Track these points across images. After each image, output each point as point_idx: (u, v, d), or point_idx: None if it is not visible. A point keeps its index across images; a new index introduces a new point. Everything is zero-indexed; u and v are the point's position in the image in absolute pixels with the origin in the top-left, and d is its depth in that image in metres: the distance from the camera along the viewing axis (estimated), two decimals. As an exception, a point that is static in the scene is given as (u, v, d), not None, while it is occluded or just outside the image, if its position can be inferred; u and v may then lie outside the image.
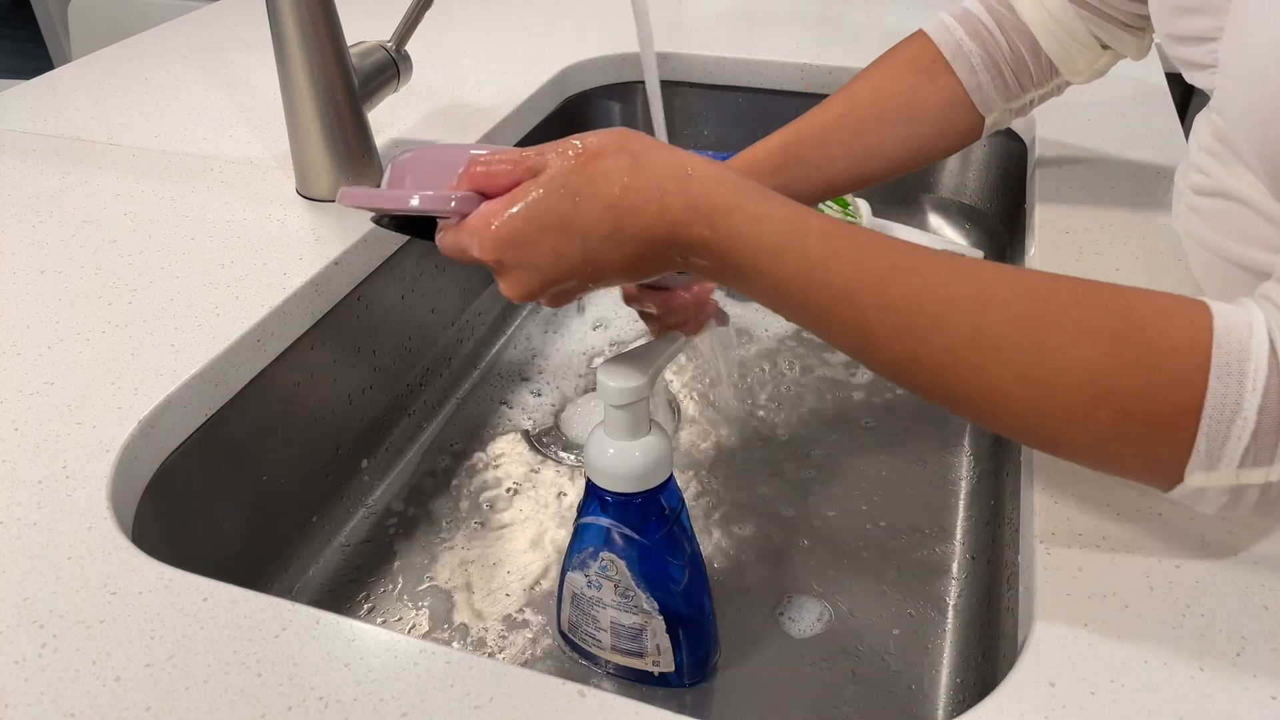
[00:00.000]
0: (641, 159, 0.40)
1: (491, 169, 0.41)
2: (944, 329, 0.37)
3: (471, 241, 0.41)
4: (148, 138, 0.81)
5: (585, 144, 0.40)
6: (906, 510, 0.67)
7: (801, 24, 1.08)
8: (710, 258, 0.40)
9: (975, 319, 0.37)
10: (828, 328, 0.40)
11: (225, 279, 0.61)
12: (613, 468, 0.48)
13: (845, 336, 0.40)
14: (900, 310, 0.38)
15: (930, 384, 0.39)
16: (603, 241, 0.40)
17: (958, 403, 0.39)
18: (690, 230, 0.39)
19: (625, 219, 0.39)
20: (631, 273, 0.41)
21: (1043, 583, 0.41)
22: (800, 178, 0.62)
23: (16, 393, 0.52)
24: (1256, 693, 0.37)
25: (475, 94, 0.90)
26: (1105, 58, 0.62)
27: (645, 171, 0.39)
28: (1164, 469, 0.36)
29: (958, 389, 0.38)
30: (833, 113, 0.63)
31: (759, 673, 0.56)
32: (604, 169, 0.39)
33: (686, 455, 0.72)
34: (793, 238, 0.39)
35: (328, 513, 0.66)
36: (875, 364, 0.40)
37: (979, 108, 0.63)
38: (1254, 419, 0.34)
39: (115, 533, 0.44)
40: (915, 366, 0.39)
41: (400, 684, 0.38)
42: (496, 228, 0.40)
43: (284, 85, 0.67)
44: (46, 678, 0.38)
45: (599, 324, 0.87)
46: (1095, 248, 0.65)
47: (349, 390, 0.67)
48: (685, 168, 0.40)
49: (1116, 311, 0.36)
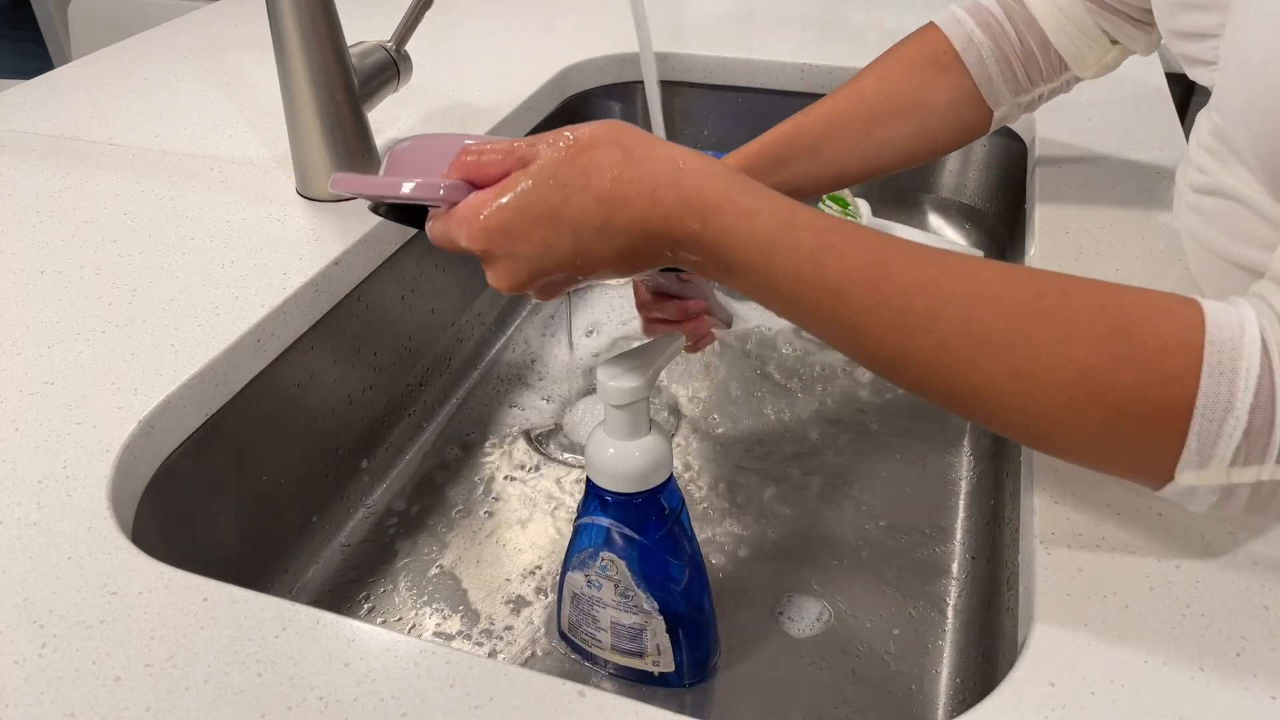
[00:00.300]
0: (634, 152, 0.39)
1: (482, 158, 0.40)
2: (935, 324, 0.37)
3: (460, 231, 0.40)
4: (148, 138, 0.81)
5: (577, 135, 0.40)
6: (906, 510, 0.67)
7: (801, 24, 1.08)
8: (701, 252, 0.40)
9: (966, 314, 0.37)
10: (819, 323, 0.40)
11: (225, 279, 0.61)
12: (613, 467, 0.48)
13: (837, 332, 0.40)
14: (892, 306, 0.38)
15: (922, 380, 0.39)
16: (594, 234, 0.39)
17: (950, 399, 0.39)
18: (681, 224, 0.39)
19: (616, 211, 0.39)
20: (622, 266, 0.41)
21: (1043, 583, 0.41)
22: (807, 170, 0.62)
23: (16, 393, 0.52)
24: (1256, 693, 0.37)
25: (475, 94, 0.90)
26: (1114, 53, 0.62)
27: (637, 165, 0.39)
28: (1155, 467, 0.36)
29: (950, 385, 0.38)
30: (842, 105, 0.63)
31: (759, 673, 0.56)
32: (596, 161, 0.39)
33: (686, 455, 0.72)
34: (783, 232, 0.38)
35: (328, 513, 0.66)
36: (868, 360, 0.40)
37: (988, 101, 0.63)
38: (1246, 418, 0.34)
39: (115, 533, 0.44)
40: (907, 362, 0.39)
41: (400, 684, 0.38)
42: (485, 218, 0.40)
43: (284, 85, 0.67)
44: (46, 678, 0.38)
45: (594, 328, 0.87)
46: (1095, 248, 0.65)
47: (349, 390, 0.67)
48: (677, 162, 0.39)
49: (1107, 309, 0.36)
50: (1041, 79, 0.63)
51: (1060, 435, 0.38)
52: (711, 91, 1.01)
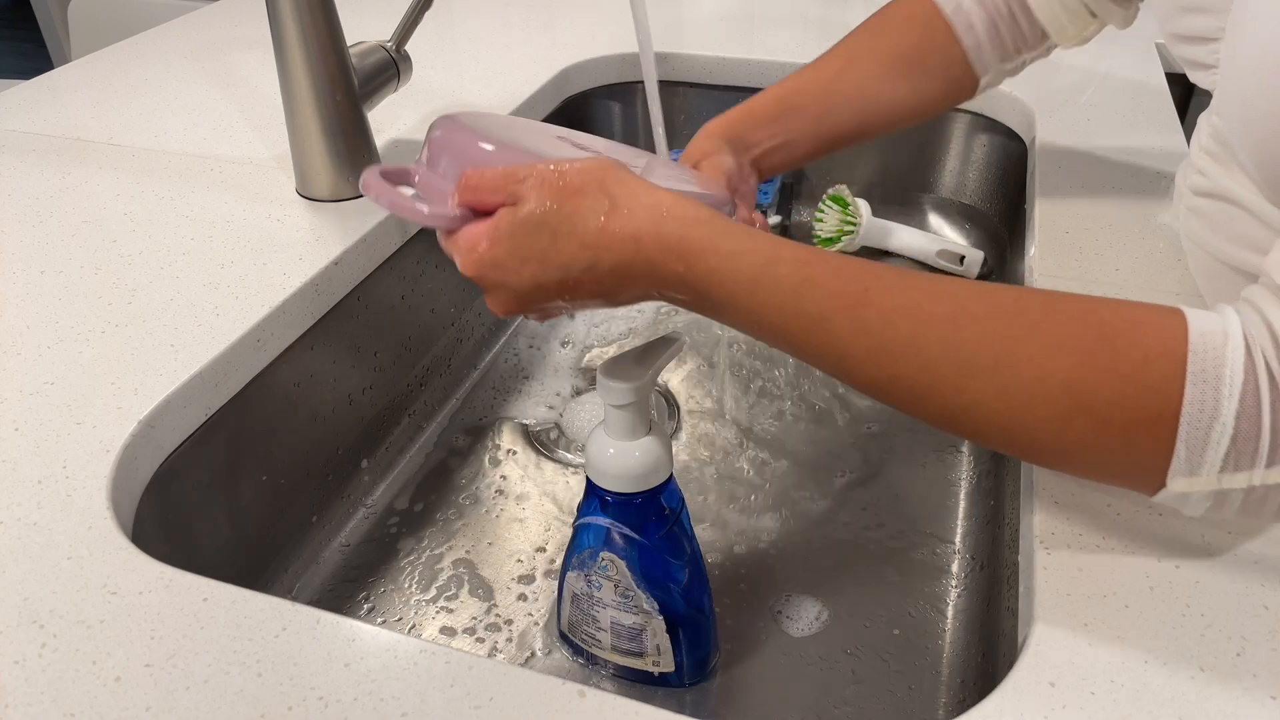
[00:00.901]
0: (619, 201, 0.41)
1: (480, 194, 0.43)
2: (920, 348, 0.38)
3: (457, 259, 0.44)
4: (148, 138, 0.81)
5: (566, 181, 0.41)
6: (906, 510, 0.67)
7: (801, 24, 1.08)
8: (687, 293, 0.41)
9: (950, 337, 0.38)
10: (807, 353, 0.41)
11: (225, 279, 0.61)
12: (613, 468, 0.48)
13: (824, 361, 0.41)
14: (874, 332, 0.39)
15: (912, 402, 0.40)
16: (581, 273, 0.41)
17: (940, 419, 0.40)
18: (666, 268, 0.40)
19: (601, 256, 0.41)
20: (610, 301, 0.43)
21: (1043, 583, 0.41)
22: (800, 129, 0.62)
23: (16, 393, 0.52)
24: (1256, 693, 0.37)
25: (475, 94, 0.90)
26: (1093, 26, 0.62)
27: (621, 214, 0.41)
28: (1147, 475, 0.37)
29: (939, 406, 0.39)
30: (832, 66, 0.64)
31: (759, 673, 0.56)
32: (581, 209, 0.41)
33: (686, 455, 0.72)
34: (765, 269, 0.40)
35: (328, 513, 0.66)
36: (857, 385, 0.41)
37: (975, 68, 0.63)
38: (1232, 424, 0.34)
39: (115, 533, 0.44)
40: (894, 386, 0.39)
41: (400, 684, 0.38)
42: (480, 253, 0.42)
43: (284, 85, 0.67)
44: (46, 678, 0.38)
45: (596, 325, 0.87)
46: (1095, 248, 0.65)
47: (349, 390, 0.67)
48: (661, 209, 0.41)
49: (1090, 322, 0.37)
50: (1026, 47, 0.64)
51: (1049, 448, 0.38)
52: (711, 91, 1.01)
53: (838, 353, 0.40)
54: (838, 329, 0.39)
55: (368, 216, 0.68)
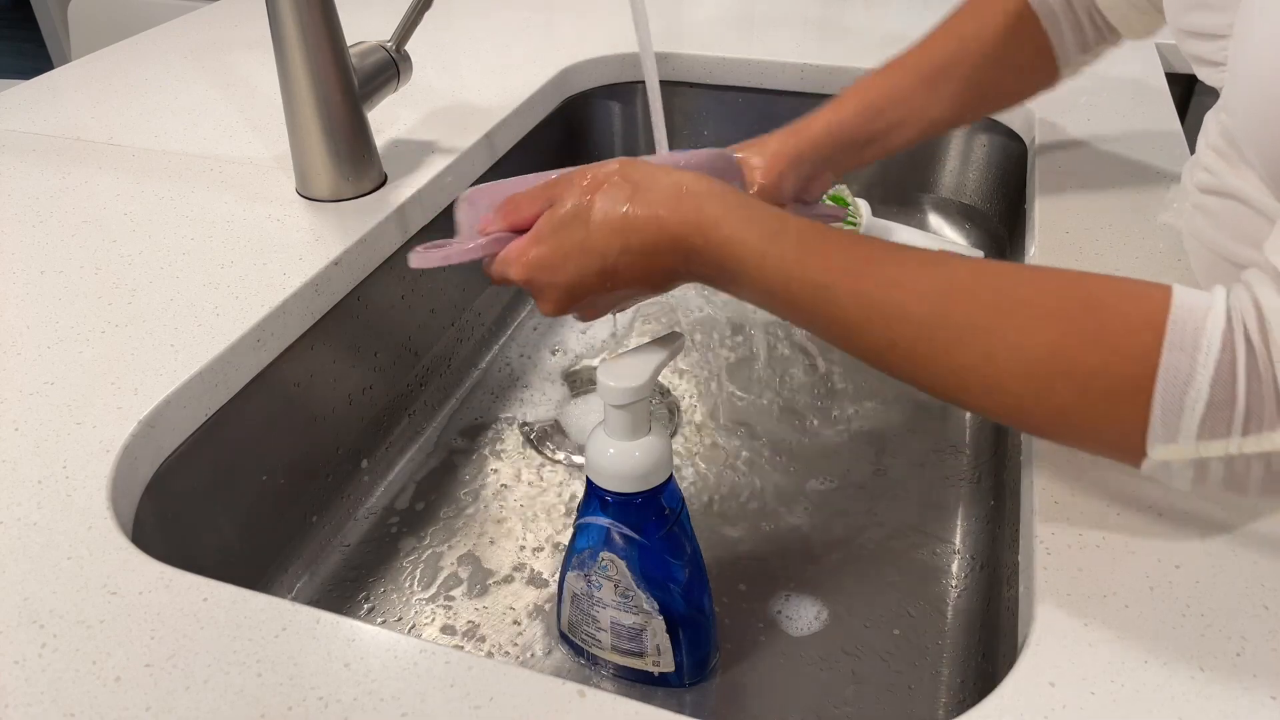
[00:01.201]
0: (640, 185, 0.46)
1: (519, 209, 0.49)
2: (914, 316, 0.41)
3: (509, 269, 0.49)
4: (148, 138, 0.81)
5: (594, 176, 0.47)
6: (906, 510, 0.67)
7: (801, 24, 1.08)
8: (705, 264, 0.45)
9: (942, 305, 0.40)
10: (811, 319, 0.44)
11: (225, 279, 0.61)
12: (613, 468, 0.48)
13: (828, 326, 0.43)
14: (874, 298, 0.41)
15: (905, 367, 0.42)
16: (617, 257, 0.46)
17: (932, 385, 0.42)
18: (686, 241, 0.45)
19: (631, 237, 0.45)
20: (647, 282, 0.47)
21: (1043, 583, 0.42)
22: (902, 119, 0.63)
23: (16, 393, 0.52)
24: (1256, 693, 0.37)
25: (475, 94, 0.90)
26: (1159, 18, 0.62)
27: (644, 196, 0.45)
28: (1127, 442, 0.38)
29: (931, 371, 0.41)
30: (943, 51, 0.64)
31: (759, 673, 0.56)
32: (608, 197, 0.46)
33: (686, 454, 0.72)
34: (774, 240, 0.43)
35: (328, 513, 0.66)
36: (856, 351, 0.43)
37: (1058, 60, 0.64)
38: (1207, 391, 0.35)
39: (115, 533, 0.44)
40: (891, 352, 0.42)
41: (400, 684, 0.38)
42: (529, 256, 0.48)
43: (284, 85, 0.67)
44: (46, 678, 0.38)
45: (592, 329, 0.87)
46: (1095, 248, 0.65)
47: (349, 390, 0.67)
48: (680, 188, 0.45)
49: (1077, 293, 0.39)
50: (1102, 40, 0.64)
51: (1034, 414, 0.40)
52: (711, 91, 1.01)
53: (840, 319, 0.42)
54: (840, 295, 0.42)
55: (367, 216, 0.68)
